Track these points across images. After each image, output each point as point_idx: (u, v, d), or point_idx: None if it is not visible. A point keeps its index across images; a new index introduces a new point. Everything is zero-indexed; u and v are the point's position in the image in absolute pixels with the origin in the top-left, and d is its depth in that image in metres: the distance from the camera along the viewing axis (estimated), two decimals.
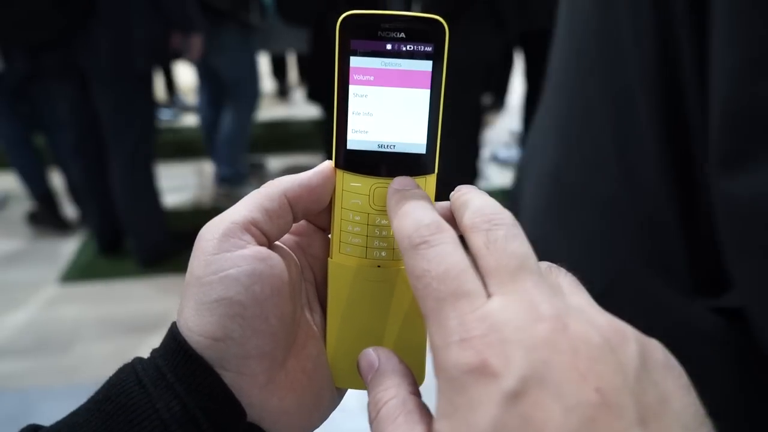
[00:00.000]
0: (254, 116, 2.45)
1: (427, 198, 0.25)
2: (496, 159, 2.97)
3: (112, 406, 0.23)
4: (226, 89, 2.35)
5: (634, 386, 0.17)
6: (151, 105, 1.94)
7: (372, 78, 0.27)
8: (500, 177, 2.84)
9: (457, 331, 0.19)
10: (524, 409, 0.17)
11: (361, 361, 0.25)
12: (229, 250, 0.24)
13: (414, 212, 0.24)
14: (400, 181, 0.26)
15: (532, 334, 0.18)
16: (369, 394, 0.23)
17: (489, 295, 0.20)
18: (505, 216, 0.23)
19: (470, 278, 0.20)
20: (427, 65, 0.26)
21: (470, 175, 2.23)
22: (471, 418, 0.18)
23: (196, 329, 0.23)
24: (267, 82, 3.81)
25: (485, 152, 2.84)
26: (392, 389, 0.23)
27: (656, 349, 0.19)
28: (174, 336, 0.24)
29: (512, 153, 2.94)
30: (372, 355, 0.25)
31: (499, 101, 3.56)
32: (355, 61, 0.26)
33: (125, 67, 1.76)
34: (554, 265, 0.23)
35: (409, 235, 0.23)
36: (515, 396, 0.17)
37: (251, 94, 2.38)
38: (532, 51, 2.69)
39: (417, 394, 0.23)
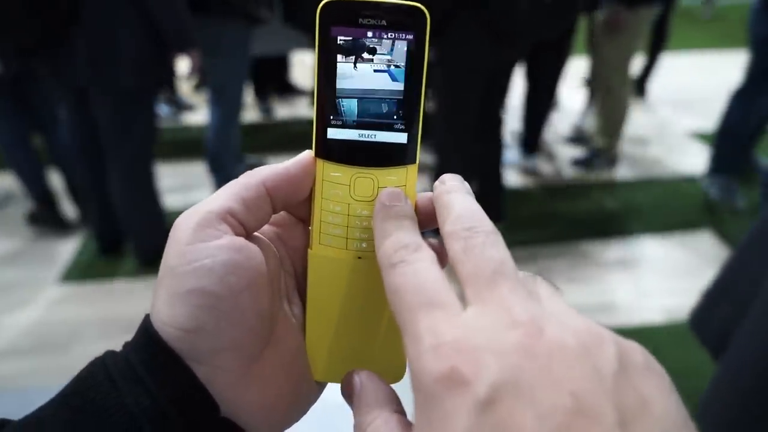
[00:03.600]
0: (239, 122, 2.40)
1: (411, 216, 0.25)
2: None
3: (80, 400, 0.22)
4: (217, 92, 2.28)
5: (611, 389, 0.17)
6: (149, 116, 1.90)
7: (353, 66, 0.26)
8: None
9: (428, 341, 0.19)
10: (497, 417, 0.16)
11: (344, 386, 0.25)
12: (204, 240, 0.23)
13: (396, 232, 0.24)
14: (388, 195, 0.26)
15: (505, 339, 0.18)
16: (354, 417, 0.24)
17: (467, 304, 0.20)
18: (485, 224, 0.23)
19: (445, 291, 0.20)
20: (408, 54, 0.26)
21: (492, 191, 2.19)
22: (444, 430, 0.17)
23: (168, 321, 0.23)
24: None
25: None
26: (375, 411, 0.23)
27: (636, 351, 0.19)
28: (146, 328, 0.24)
29: (512, 153, 2.94)
30: (354, 378, 0.25)
31: None
32: (335, 49, 0.26)
33: (108, 83, 1.72)
34: (532, 274, 0.23)
35: (389, 255, 0.23)
36: (487, 404, 0.17)
37: (235, 102, 2.31)
38: (531, 51, 2.69)
39: (401, 412, 0.23)
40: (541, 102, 2.80)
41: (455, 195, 0.24)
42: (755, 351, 0.52)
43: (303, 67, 3.99)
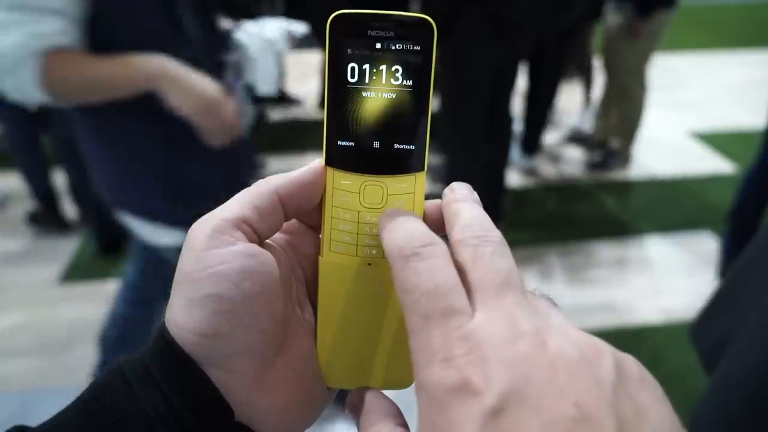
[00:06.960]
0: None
1: (418, 217, 0.26)
2: None
3: (97, 405, 0.22)
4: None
5: (611, 399, 0.18)
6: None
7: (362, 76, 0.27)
8: None
9: (440, 351, 0.19)
10: (504, 425, 0.17)
11: (349, 404, 0.26)
12: (219, 246, 0.24)
13: (405, 225, 0.24)
14: (391, 208, 0.27)
15: (512, 350, 0.18)
16: (358, 431, 0.25)
17: (473, 311, 0.20)
18: (494, 233, 0.23)
19: (459, 296, 0.21)
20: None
21: (494, 191, 2.19)
22: None
23: (184, 326, 0.23)
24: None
25: None
26: (378, 424, 0.24)
27: (631, 363, 0.20)
28: (162, 334, 0.24)
29: (513, 153, 2.93)
30: (358, 396, 0.26)
31: None
32: (345, 60, 0.26)
33: None
34: (533, 289, 0.24)
35: (400, 246, 0.23)
36: (495, 413, 0.17)
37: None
38: (532, 50, 2.69)
39: (404, 426, 0.24)
40: (541, 102, 2.81)
41: (464, 204, 0.25)
42: (745, 369, 0.52)
43: (300, 73, 3.94)
